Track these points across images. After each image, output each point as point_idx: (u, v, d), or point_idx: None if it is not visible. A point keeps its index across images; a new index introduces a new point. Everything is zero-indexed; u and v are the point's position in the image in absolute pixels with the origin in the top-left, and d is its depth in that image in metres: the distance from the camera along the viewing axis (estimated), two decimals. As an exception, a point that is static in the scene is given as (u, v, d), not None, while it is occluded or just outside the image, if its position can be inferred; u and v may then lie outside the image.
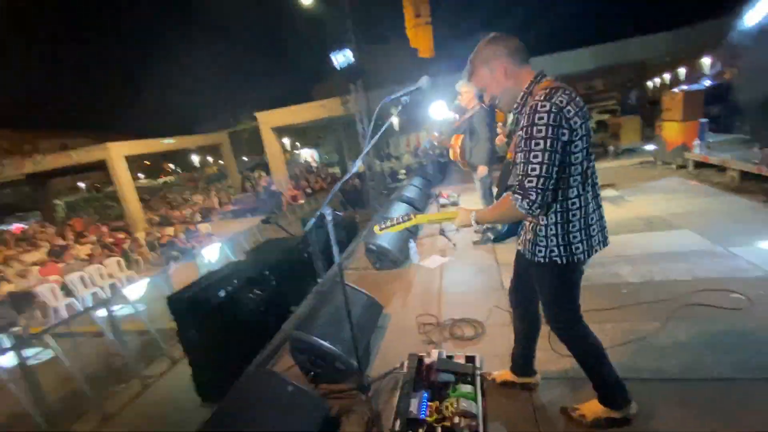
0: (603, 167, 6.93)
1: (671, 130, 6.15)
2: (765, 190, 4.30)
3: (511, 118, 5.72)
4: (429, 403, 1.89)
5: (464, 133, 3.93)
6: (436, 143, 4.53)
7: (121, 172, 15.53)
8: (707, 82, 7.99)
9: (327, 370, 2.30)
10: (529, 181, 1.34)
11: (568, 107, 1.33)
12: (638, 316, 2.46)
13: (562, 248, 1.48)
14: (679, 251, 3.25)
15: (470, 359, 2.21)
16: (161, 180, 41.45)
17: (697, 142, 5.65)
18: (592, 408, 1.70)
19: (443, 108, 8.85)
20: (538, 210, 1.38)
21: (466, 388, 1.97)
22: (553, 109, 1.30)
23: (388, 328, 2.84)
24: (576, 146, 1.36)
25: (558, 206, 1.45)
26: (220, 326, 3.47)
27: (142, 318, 5.37)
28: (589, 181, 1.46)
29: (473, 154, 3.91)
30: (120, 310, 5.31)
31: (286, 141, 29.24)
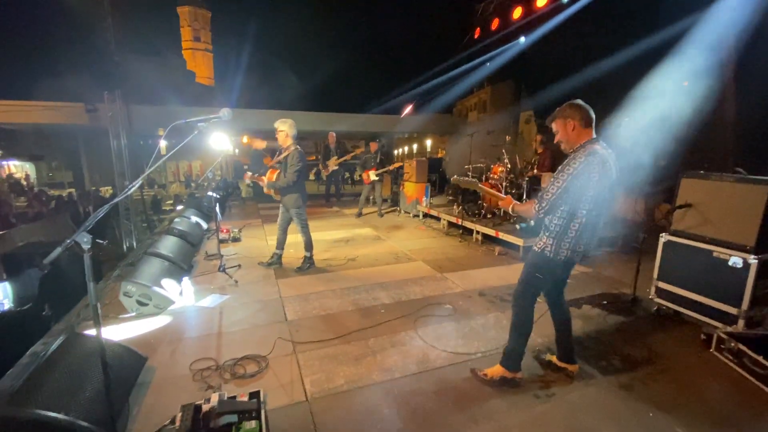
0: (364, 212, 8.33)
1: (409, 188, 8.16)
2: (460, 234, 6.31)
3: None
4: (209, 452, 1.74)
5: (279, 169, 4.29)
6: (248, 181, 4.63)
7: None
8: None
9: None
10: (546, 195, 2.03)
11: (598, 165, 1.97)
12: (394, 327, 3.10)
13: (552, 247, 2.12)
14: (415, 277, 4.31)
15: (254, 395, 2.17)
16: None
17: (425, 198, 7.71)
18: (494, 369, 2.36)
19: (224, 140, 8.54)
20: (543, 215, 2.07)
21: (251, 425, 1.92)
22: (586, 161, 1.96)
23: (152, 382, 2.39)
24: (589, 189, 1.99)
25: (563, 220, 2.07)
26: None
27: None
28: (596, 213, 2.07)
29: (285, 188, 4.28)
30: None
31: (-25, 145, 20.22)
